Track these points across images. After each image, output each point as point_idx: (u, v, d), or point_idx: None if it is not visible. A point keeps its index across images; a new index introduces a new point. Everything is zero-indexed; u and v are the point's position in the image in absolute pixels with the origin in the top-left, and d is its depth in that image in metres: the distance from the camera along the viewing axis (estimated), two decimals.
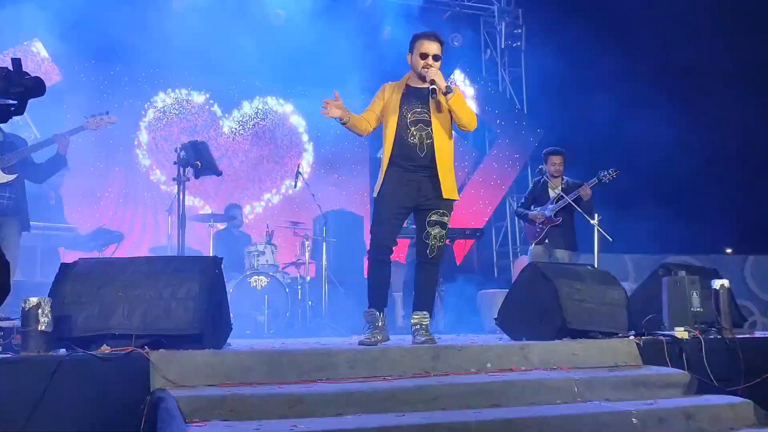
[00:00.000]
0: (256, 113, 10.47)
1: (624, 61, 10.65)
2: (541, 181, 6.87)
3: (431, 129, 4.17)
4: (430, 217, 4.17)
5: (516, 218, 10.54)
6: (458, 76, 10.68)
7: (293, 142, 10.63)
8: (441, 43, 4.27)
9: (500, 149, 10.77)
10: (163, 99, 9.93)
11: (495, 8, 10.84)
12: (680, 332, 4.32)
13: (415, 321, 4.21)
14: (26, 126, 7.22)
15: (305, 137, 10.70)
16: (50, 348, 3.16)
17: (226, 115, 10.29)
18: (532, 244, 6.90)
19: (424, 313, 4.23)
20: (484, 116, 10.80)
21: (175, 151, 5.96)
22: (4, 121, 1.66)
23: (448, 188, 4.19)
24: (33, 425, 2.80)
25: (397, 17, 9.99)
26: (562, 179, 6.82)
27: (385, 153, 4.21)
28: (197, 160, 5.81)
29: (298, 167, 7.79)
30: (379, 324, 4.18)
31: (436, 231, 4.17)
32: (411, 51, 4.32)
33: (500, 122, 10.81)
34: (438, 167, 4.15)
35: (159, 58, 9.13)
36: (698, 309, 4.51)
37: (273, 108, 10.60)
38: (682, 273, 4.60)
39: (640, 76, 10.78)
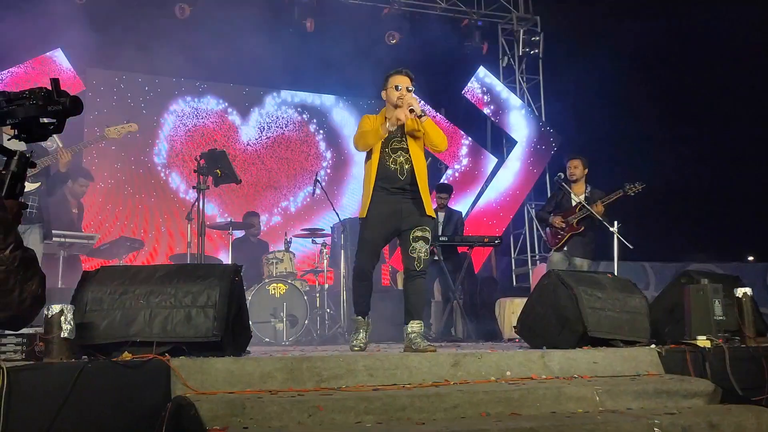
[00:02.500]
0: (275, 121, 10.53)
1: (643, 67, 10.59)
2: (563, 188, 6.83)
3: (409, 155, 4.56)
4: (414, 233, 4.50)
5: (534, 226, 10.51)
6: (475, 83, 10.67)
7: (311, 150, 10.67)
8: (411, 78, 4.66)
9: (518, 157, 10.74)
10: (181, 108, 10.02)
11: (513, 15, 10.83)
12: (703, 341, 4.27)
13: (412, 329, 4.47)
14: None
15: (323, 145, 10.73)
16: (72, 355, 3.18)
17: (245, 124, 10.35)
18: (551, 250, 6.86)
19: (419, 321, 4.51)
20: (502, 123, 10.79)
21: (195, 159, 6.01)
22: (44, 139, 1.73)
23: (428, 206, 4.57)
24: (55, 431, 2.82)
25: (414, 25, 10.02)
26: (586, 187, 6.78)
27: (371, 177, 4.57)
28: (217, 169, 5.85)
29: (317, 175, 7.81)
30: (364, 328, 4.61)
31: (420, 246, 4.48)
32: (385, 88, 4.68)
33: (518, 129, 10.78)
34: (419, 188, 4.53)
35: (177, 67, 9.22)
36: (721, 317, 4.44)
37: (291, 116, 10.65)
38: (705, 281, 4.54)
39: (659, 83, 10.71)
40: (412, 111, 4.42)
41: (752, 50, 10.31)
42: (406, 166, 4.54)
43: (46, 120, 1.69)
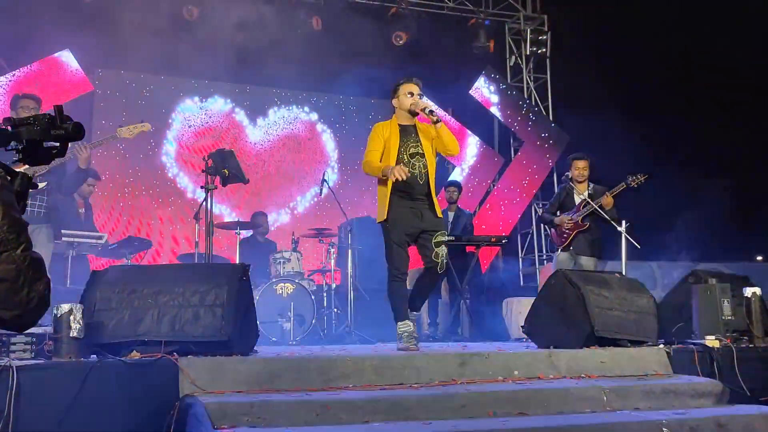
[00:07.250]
0: (282, 121, 10.54)
1: (651, 65, 10.55)
2: (567, 187, 6.81)
3: (426, 160, 4.70)
4: (435, 239, 4.66)
5: (542, 225, 10.48)
6: (482, 82, 10.66)
7: (319, 150, 10.68)
8: (419, 85, 4.84)
9: (526, 156, 10.71)
10: (189, 108, 10.04)
11: (520, 15, 10.82)
12: (711, 341, 4.26)
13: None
14: None
15: (331, 145, 10.74)
16: (81, 354, 3.21)
17: (252, 123, 10.37)
18: (558, 250, 6.84)
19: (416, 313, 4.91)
20: (510, 123, 10.77)
21: (203, 159, 6.03)
22: (47, 162, 1.83)
23: (438, 208, 4.78)
24: (64, 430, 2.84)
25: (421, 24, 10.02)
26: (588, 185, 6.76)
27: (387, 182, 4.61)
28: (224, 168, 5.86)
29: (324, 175, 7.82)
30: (415, 333, 4.61)
31: (441, 250, 4.66)
32: (396, 96, 4.82)
33: (525, 129, 10.76)
34: (432, 192, 4.73)
35: (185, 67, 9.24)
36: (729, 317, 4.44)
37: (299, 116, 10.66)
38: (713, 280, 4.53)
39: (668, 81, 10.67)
40: (431, 113, 4.55)
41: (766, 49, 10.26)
42: (423, 171, 4.69)
43: (49, 144, 1.78)
